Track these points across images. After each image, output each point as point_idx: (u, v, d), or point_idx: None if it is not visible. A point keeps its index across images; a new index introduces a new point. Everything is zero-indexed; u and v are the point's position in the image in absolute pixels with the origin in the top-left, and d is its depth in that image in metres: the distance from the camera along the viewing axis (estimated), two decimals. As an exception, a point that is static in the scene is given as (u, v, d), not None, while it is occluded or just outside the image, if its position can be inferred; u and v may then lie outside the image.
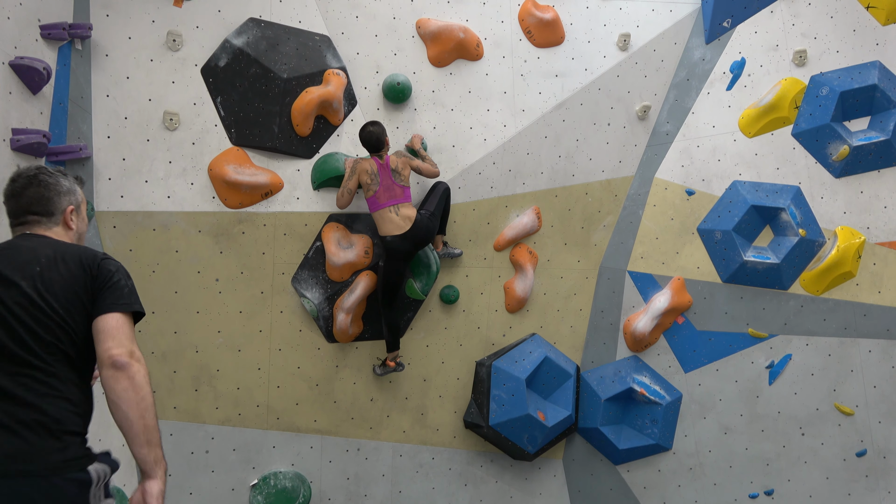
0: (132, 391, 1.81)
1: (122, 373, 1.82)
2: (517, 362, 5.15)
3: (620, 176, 5.47)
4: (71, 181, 2.18)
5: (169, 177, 4.58)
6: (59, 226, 2.08)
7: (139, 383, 1.83)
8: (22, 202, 2.03)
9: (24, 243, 1.97)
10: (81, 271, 1.93)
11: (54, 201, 2.07)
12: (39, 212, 2.04)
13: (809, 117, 5.28)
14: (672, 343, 5.40)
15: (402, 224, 4.62)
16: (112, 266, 2.00)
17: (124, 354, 1.83)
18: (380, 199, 4.63)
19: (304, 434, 4.92)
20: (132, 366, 1.82)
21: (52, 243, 2.00)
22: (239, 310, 4.76)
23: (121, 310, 1.89)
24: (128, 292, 1.97)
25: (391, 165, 4.67)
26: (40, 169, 2.09)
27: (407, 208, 4.67)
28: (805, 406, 5.37)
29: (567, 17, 5.34)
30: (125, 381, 1.81)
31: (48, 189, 2.06)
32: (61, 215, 2.08)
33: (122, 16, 4.51)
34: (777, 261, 5.20)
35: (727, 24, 5.43)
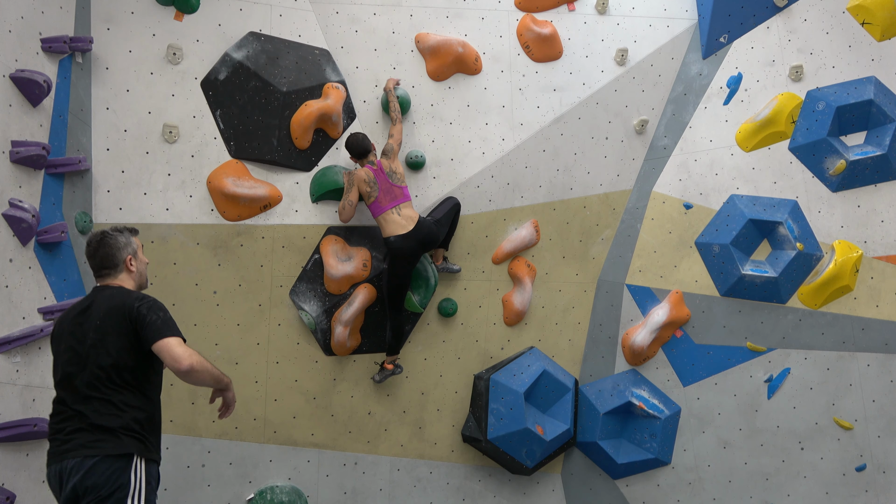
0: (199, 377, 2.65)
1: (187, 374, 2.61)
2: (515, 376, 5.13)
3: (618, 189, 5.49)
4: (126, 235, 2.92)
5: (168, 189, 4.59)
6: (123, 272, 2.87)
7: (198, 370, 2.62)
8: (96, 261, 2.85)
9: (95, 298, 2.77)
10: (124, 318, 2.67)
11: (117, 256, 2.85)
12: (108, 265, 2.85)
13: (806, 132, 5.31)
14: (671, 357, 5.40)
15: (405, 224, 4.64)
16: (144, 309, 2.68)
17: (181, 364, 2.59)
18: (382, 203, 4.66)
19: (302, 448, 4.89)
20: (192, 366, 2.60)
21: (110, 296, 2.75)
22: (237, 322, 4.75)
23: (158, 337, 2.63)
24: (161, 324, 2.66)
25: (385, 169, 4.70)
26: (104, 234, 2.87)
27: (408, 208, 4.70)
28: (804, 420, 5.36)
29: (565, 32, 5.39)
30: (194, 376, 2.63)
31: (111, 248, 2.85)
32: (123, 264, 2.87)
33: (122, 29, 4.54)
34: (775, 274, 5.21)
35: (724, 40, 5.48)
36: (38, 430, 3.48)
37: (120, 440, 2.58)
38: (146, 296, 2.77)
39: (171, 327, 2.67)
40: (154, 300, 2.74)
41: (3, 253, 3.49)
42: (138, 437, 2.63)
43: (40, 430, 3.50)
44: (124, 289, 2.80)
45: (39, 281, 3.75)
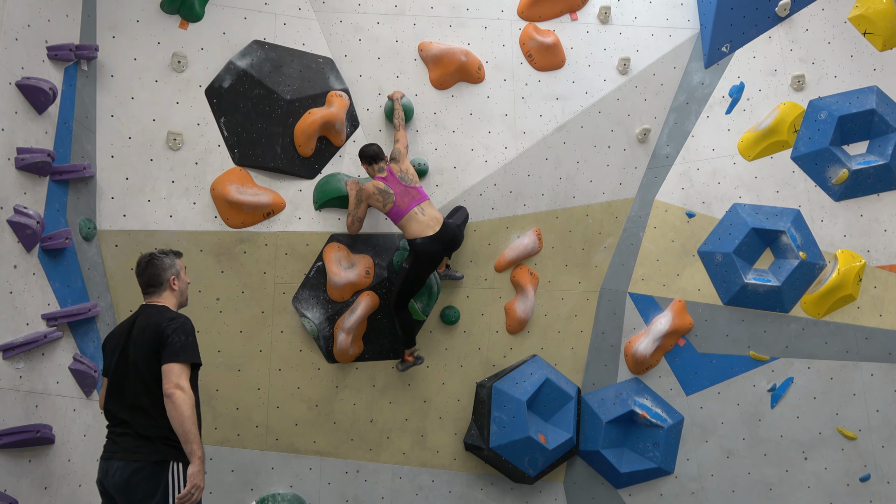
0: (174, 410, 2.83)
1: (168, 400, 2.84)
2: (518, 384, 5.12)
3: (621, 198, 5.50)
4: (171, 257, 3.22)
5: (171, 196, 4.61)
6: (167, 290, 3.18)
7: (177, 404, 2.82)
8: (144, 279, 3.17)
9: (138, 316, 3.09)
10: (155, 336, 2.95)
11: (162, 276, 3.17)
12: (154, 284, 3.16)
13: (808, 141, 5.32)
14: (673, 365, 5.38)
15: (431, 224, 4.59)
16: (170, 329, 2.95)
17: (170, 388, 2.84)
18: (402, 206, 4.61)
19: (304, 455, 4.88)
20: (174, 394, 2.83)
21: (150, 314, 3.06)
22: (239, 329, 4.75)
23: (169, 360, 2.89)
24: (180, 347, 2.92)
25: (396, 173, 4.68)
26: (153, 255, 3.18)
27: (430, 207, 4.66)
28: (807, 430, 5.34)
29: (567, 41, 5.41)
30: (170, 405, 2.84)
31: (157, 268, 3.16)
32: (167, 283, 3.18)
33: (128, 37, 4.57)
34: (778, 283, 5.20)
35: (726, 49, 5.50)
36: (40, 436, 3.48)
37: (157, 447, 2.89)
38: (178, 316, 3.03)
39: (188, 352, 2.92)
40: (185, 322, 3.00)
41: (7, 259, 3.50)
42: (173, 443, 2.90)
43: (42, 437, 3.50)
44: (164, 308, 3.10)
45: (43, 287, 3.76)
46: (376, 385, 5.03)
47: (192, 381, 2.95)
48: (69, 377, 3.87)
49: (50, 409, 3.69)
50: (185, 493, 2.82)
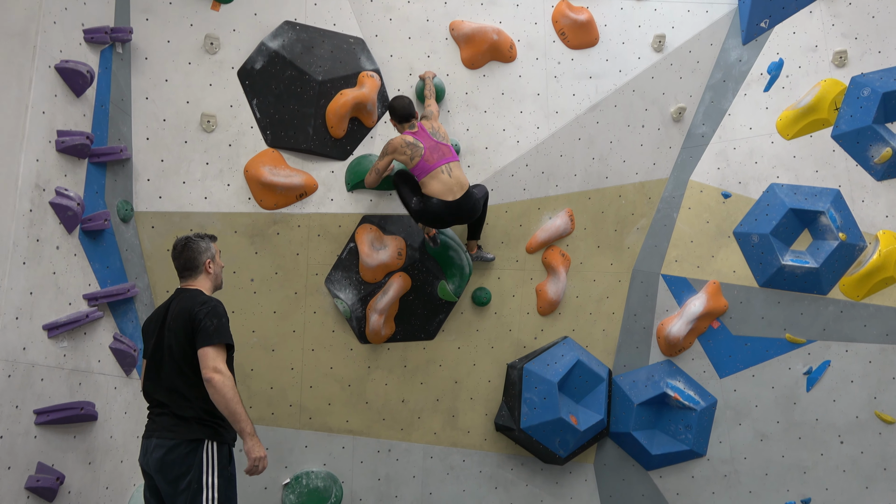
0: (216, 394, 2.89)
1: (209, 385, 2.89)
2: (549, 365, 5.11)
3: (654, 178, 5.42)
4: (207, 241, 3.26)
5: (206, 178, 4.64)
6: (202, 274, 3.23)
7: (218, 388, 2.88)
8: (180, 263, 3.22)
9: (174, 300, 3.14)
10: (187, 321, 3.00)
11: (198, 260, 3.21)
12: (190, 267, 3.21)
13: (850, 119, 5.17)
14: (707, 348, 5.32)
15: (454, 189, 4.34)
16: (201, 314, 2.99)
17: (208, 373, 2.90)
18: (429, 161, 4.35)
19: (336, 434, 4.94)
20: (213, 378, 2.88)
21: (183, 298, 3.11)
22: (273, 310, 4.80)
23: (203, 344, 2.94)
24: (213, 330, 2.96)
25: (427, 128, 4.49)
26: (188, 239, 3.22)
27: (458, 169, 4.41)
28: (844, 414, 5.26)
29: (601, 18, 5.31)
30: (211, 389, 2.89)
31: (193, 252, 3.20)
32: (203, 267, 3.22)
33: (161, 20, 4.59)
34: (816, 265, 5.10)
35: (765, 25, 5.35)
36: (84, 413, 3.57)
37: (192, 427, 2.96)
38: (210, 300, 3.06)
39: (221, 334, 2.96)
40: (216, 305, 3.03)
41: (50, 240, 3.57)
42: (209, 423, 2.99)
43: (87, 413, 3.59)
44: (197, 292, 3.14)
45: (84, 268, 3.83)
46: (408, 366, 5.06)
47: (228, 363, 2.99)
48: (110, 356, 3.95)
49: (92, 387, 3.78)
50: (249, 467, 2.96)
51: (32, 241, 3.45)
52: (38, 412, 3.37)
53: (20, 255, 3.37)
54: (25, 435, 3.30)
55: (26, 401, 3.33)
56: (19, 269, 3.36)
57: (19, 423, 3.27)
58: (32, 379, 3.37)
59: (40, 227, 3.51)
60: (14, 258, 3.33)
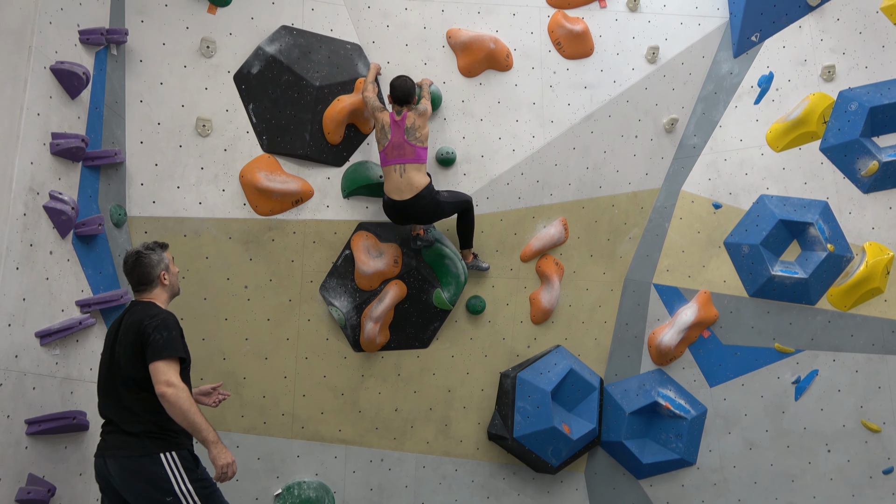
0: (172, 408, 2.80)
1: (163, 400, 2.81)
2: (542, 374, 5.12)
3: (647, 188, 5.47)
4: (158, 252, 3.15)
5: (201, 183, 4.58)
6: (157, 287, 3.13)
7: (173, 401, 2.79)
8: (133, 278, 3.12)
9: (126, 313, 3.06)
10: (136, 335, 2.91)
11: (151, 274, 3.11)
12: (144, 282, 3.11)
13: (838, 132, 5.28)
14: (697, 357, 5.38)
15: (402, 189, 4.46)
16: (150, 328, 2.89)
17: (160, 387, 2.80)
18: (387, 156, 4.52)
19: (329, 444, 4.89)
20: (167, 392, 2.79)
21: (138, 310, 3.02)
22: (267, 317, 4.74)
23: (153, 359, 2.84)
24: (162, 343, 2.86)
25: (406, 123, 4.52)
26: (139, 253, 3.10)
27: (415, 171, 4.46)
28: (831, 422, 5.34)
29: (596, 29, 5.36)
30: (166, 404, 2.81)
31: (146, 267, 3.10)
32: (157, 279, 3.13)
33: (156, 22, 4.52)
34: (805, 276, 5.18)
35: (755, 39, 5.44)
36: (76, 422, 3.48)
37: (143, 443, 2.87)
38: (160, 312, 2.97)
39: (171, 347, 2.86)
40: (165, 318, 2.93)
41: (43, 245, 3.49)
42: (158, 436, 2.89)
43: (79, 423, 3.51)
44: (149, 304, 3.05)
45: (77, 273, 3.75)
46: (401, 374, 5.03)
47: (183, 376, 2.90)
48: (102, 364, 3.86)
49: (84, 396, 3.69)
50: (218, 475, 2.88)
51: (26, 245, 3.37)
52: (29, 422, 3.28)
53: (13, 260, 3.29)
54: (16, 445, 3.21)
55: (18, 410, 3.24)
56: (12, 274, 3.28)
57: (10, 433, 3.18)
58: (24, 387, 3.29)
59: (34, 231, 3.43)
60: (7, 263, 3.25)
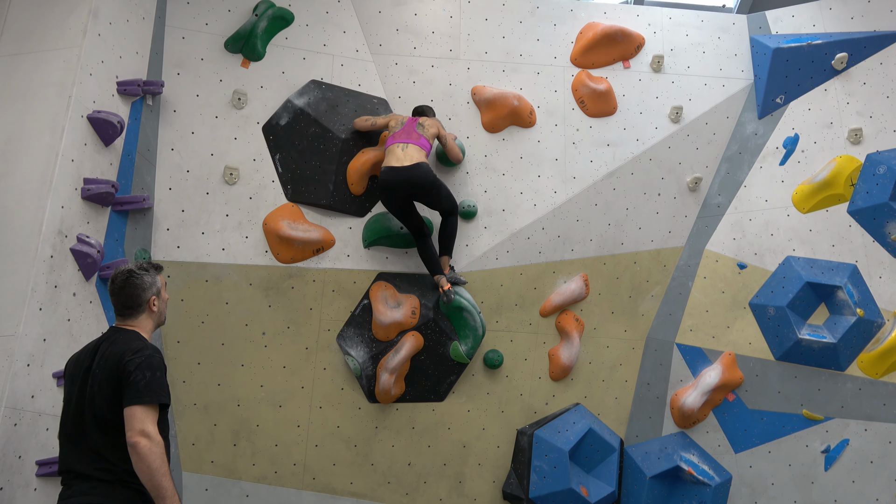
0: (140, 463, 2.43)
1: (133, 450, 2.44)
2: (560, 433, 5.00)
3: (670, 246, 5.42)
4: (152, 274, 2.79)
5: (225, 229, 4.67)
6: (144, 313, 2.75)
7: (143, 455, 2.42)
8: (119, 300, 2.73)
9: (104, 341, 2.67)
10: (114, 371, 2.54)
11: (141, 297, 2.74)
12: (131, 306, 2.73)
13: (866, 195, 5.20)
14: (722, 421, 5.21)
15: (403, 159, 4.57)
16: (132, 365, 2.53)
17: (133, 436, 2.44)
18: (395, 138, 4.67)
19: (340, 496, 4.80)
20: (139, 443, 2.43)
21: (119, 341, 2.63)
22: (283, 365, 4.74)
23: (131, 402, 2.48)
24: (143, 386, 2.50)
25: (420, 120, 4.77)
26: (131, 272, 2.74)
27: (417, 151, 4.62)
28: (864, 496, 5.09)
29: (620, 88, 5.42)
30: (135, 456, 2.44)
31: (136, 288, 2.72)
32: (146, 305, 2.75)
33: (192, 74, 4.70)
34: (833, 340, 5.03)
35: (780, 101, 5.45)
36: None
37: (114, 490, 2.51)
38: (145, 347, 2.59)
39: (153, 392, 2.51)
40: (149, 356, 2.57)
41: (68, 287, 3.56)
42: (133, 486, 2.53)
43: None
44: (133, 335, 2.67)
45: (98, 316, 3.80)
46: (416, 427, 4.95)
47: (161, 423, 2.56)
48: (117, 406, 3.87)
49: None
50: None
51: (50, 287, 3.45)
52: (40, 463, 3.29)
53: (37, 301, 3.36)
54: (26, 487, 3.21)
55: (29, 451, 3.25)
56: (35, 315, 3.34)
57: (21, 474, 3.19)
58: (38, 428, 3.31)
59: (59, 273, 3.51)
60: (31, 304, 3.32)
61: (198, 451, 4.55)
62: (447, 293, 4.74)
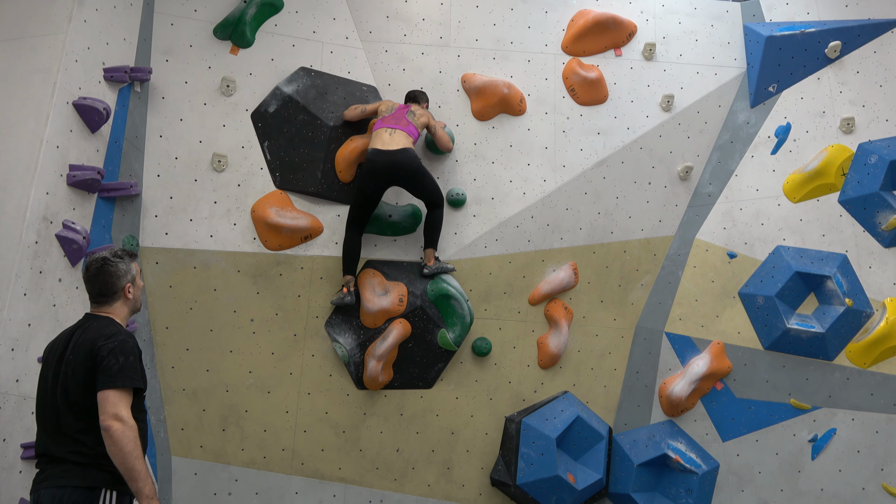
0: (113, 446, 2.46)
1: (106, 434, 2.47)
2: (548, 420, 5.03)
3: (660, 235, 5.41)
4: (127, 262, 2.78)
5: (213, 217, 4.68)
6: (119, 300, 2.76)
7: (116, 439, 2.45)
8: (94, 287, 2.73)
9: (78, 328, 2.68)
10: (88, 356, 2.57)
11: (116, 285, 2.74)
12: (105, 293, 2.73)
13: (857, 185, 5.18)
14: (710, 409, 5.23)
15: (389, 144, 4.60)
16: (105, 350, 2.55)
17: (106, 419, 2.47)
18: (384, 122, 4.70)
19: (328, 482, 4.84)
20: (112, 427, 2.46)
21: (93, 327, 2.65)
22: (271, 351, 4.77)
23: (104, 387, 2.51)
24: (117, 370, 2.53)
25: (411, 108, 4.79)
26: (105, 260, 2.73)
27: (404, 137, 4.65)
28: (850, 485, 5.11)
29: (611, 76, 5.40)
30: (108, 440, 2.47)
31: (111, 276, 2.72)
32: (121, 292, 2.76)
33: (180, 61, 4.70)
34: (822, 330, 5.03)
35: (773, 90, 5.42)
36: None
37: (88, 472, 2.52)
38: (118, 333, 2.62)
39: (126, 376, 2.53)
40: (123, 340, 2.59)
41: (53, 272, 3.59)
42: (107, 468, 2.54)
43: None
44: (107, 321, 2.69)
45: (85, 301, 3.82)
46: (404, 414, 4.99)
47: (136, 407, 2.58)
48: (104, 391, 3.91)
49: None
50: None
51: (35, 272, 3.47)
52: (25, 446, 3.33)
53: (21, 287, 3.39)
54: (10, 469, 3.25)
55: (14, 434, 3.29)
56: (19, 300, 3.37)
57: (5, 457, 3.23)
58: (23, 412, 3.35)
59: (44, 259, 3.54)
60: (15, 289, 3.35)
61: (187, 436, 4.60)
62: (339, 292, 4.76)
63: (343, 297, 4.70)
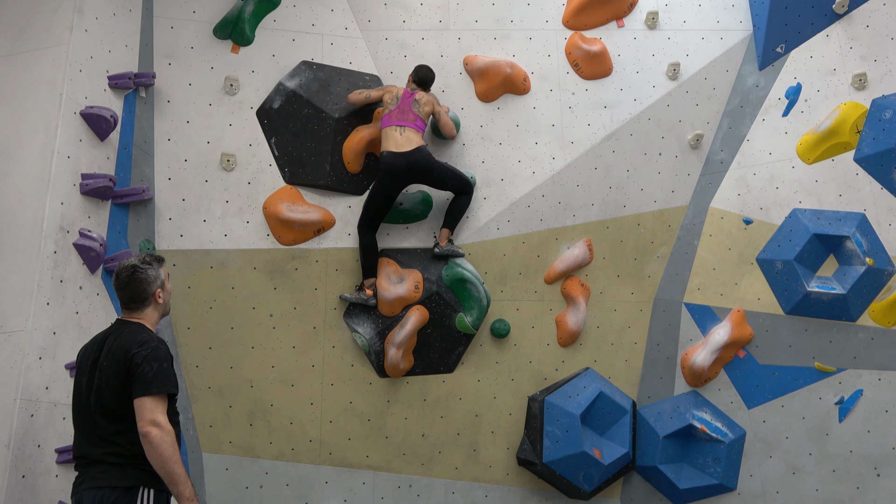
0: (152, 451, 2.55)
1: (145, 440, 2.55)
2: (571, 397, 5.04)
3: (674, 206, 5.37)
4: (155, 268, 2.86)
5: (226, 216, 4.73)
6: (150, 306, 2.84)
7: (155, 444, 2.54)
8: (126, 294, 2.81)
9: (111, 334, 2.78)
10: (122, 364, 2.65)
11: (146, 291, 2.82)
12: (137, 299, 2.81)
13: (873, 142, 5.08)
14: (733, 378, 5.20)
15: (402, 144, 4.65)
16: (139, 358, 2.63)
17: (144, 426, 2.56)
18: (391, 118, 4.71)
19: (357, 470, 4.91)
20: (151, 433, 2.55)
21: (126, 334, 2.73)
22: (292, 345, 4.82)
23: (140, 394, 2.60)
24: (151, 377, 2.61)
25: (416, 96, 4.77)
26: (135, 267, 2.80)
27: (413, 133, 4.69)
28: (880, 445, 5.07)
29: (614, 48, 5.33)
30: (147, 445, 2.56)
31: (142, 283, 2.80)
32: (152, 298, 2.84)
33: (183, 64, 4.73)
34: (843, 291, 4.97)
35: (781, 50, 5.32)
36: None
37: (125, 472, 2.62)
38: (151, 340, 2.70)
39: (161, 382, 2.62)
40: (155, 348, 2.67)
41: (73, 280, 3.66)
42: (144, 468, 2.63)
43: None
44: (139, 327, 2.76)
45: (106, 307, 3.90)
46: (427, 399, 5.03)
47: (169, 410, 2.68)
48: (131, 394, 3.99)
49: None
50: None
51: (56, 281, 3.54)
52: (59, 451, 3.41)
53: (44, 296, 3.46)
54: (47, 474, 3.34)
55: (48, 440, 3.38)
56: (43, 309, 3.44)
57: (41, 462, 3.32)
58: (54, 418, 3.43)
59: (64, 267, 3.60)
60: (38, 299, 3.42)
61: (216, 433, 4.69)
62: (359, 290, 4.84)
63: (367, 300, 4.78)
